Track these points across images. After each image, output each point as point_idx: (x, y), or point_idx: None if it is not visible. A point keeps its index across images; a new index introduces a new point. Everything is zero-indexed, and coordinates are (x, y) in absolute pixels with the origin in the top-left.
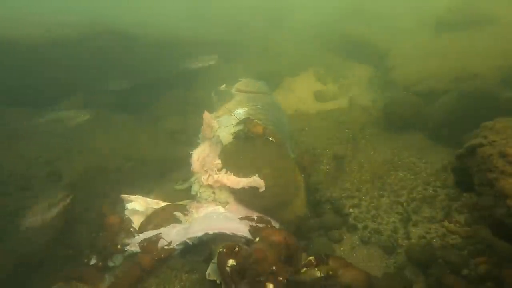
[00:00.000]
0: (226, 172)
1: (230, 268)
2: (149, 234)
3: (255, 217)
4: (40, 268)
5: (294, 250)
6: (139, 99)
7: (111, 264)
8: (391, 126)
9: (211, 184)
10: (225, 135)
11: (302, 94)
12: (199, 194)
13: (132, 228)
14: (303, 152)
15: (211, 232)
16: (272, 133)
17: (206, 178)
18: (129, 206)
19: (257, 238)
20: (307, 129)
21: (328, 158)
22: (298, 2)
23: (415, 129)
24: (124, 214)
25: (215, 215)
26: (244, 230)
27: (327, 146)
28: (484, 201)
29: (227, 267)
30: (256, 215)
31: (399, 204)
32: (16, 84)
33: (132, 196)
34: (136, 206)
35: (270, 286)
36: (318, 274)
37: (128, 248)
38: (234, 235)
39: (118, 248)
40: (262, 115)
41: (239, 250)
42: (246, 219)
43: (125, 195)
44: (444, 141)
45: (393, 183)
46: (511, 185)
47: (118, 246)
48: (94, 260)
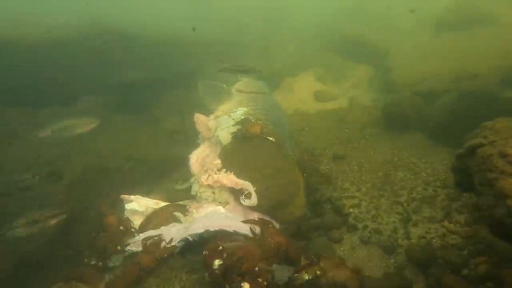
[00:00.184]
0: (226, 172)
1: (219, 268)
2: (149, 234)
3: (256, 219)
4: (40, 268)
5: (295, 254)
6: (139, 99)
7: (111, 264)
8: (391, 126)
9: (210, 184)
10: (224, 135)
11: (302, 94)
12: (199, 194)
13: (132, 228)
14: (303, 152)
15: (212, 229)
16: (271, 133)
17: (205, 178)
18: (129, 206)
19: (257, 237)
20: (307, 129)
21: (328, 158)
22: (298, 2)
23: (415, 129)
24: (123, 214)
25: (215, 215)
26: (245, 228)
27: (327, 146)
28: (484, 201)
29: (216, 269)
30: (257, 217)
31: (399, 204)
32: (16, 84)
33: (132, 196)
34: (136, 206)
35: (246, 286)
36: (306, 277)
37: (128, 248)
38: (235, 232)
39: (118, 248)
40: (262, 115)
41: (222, 248)
42: (247, 222)
43: (125, 195)
44: (444, 141)
45: (393, 183)
46: (511, 185)
47: (118, 246)
48: (94, 260)
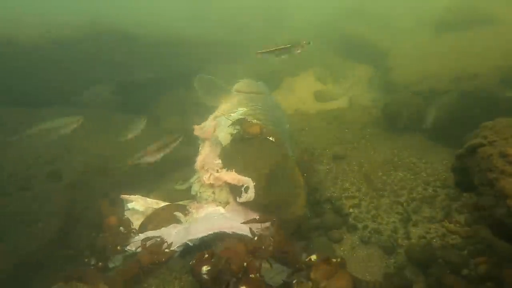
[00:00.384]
0: (228, 171)
1: (207, 274)
2: (149, 234)
3: (257, 217)
4: (40, 268)
5: (293, 257)
6: (139, 99)
7: (112, 265)
8: (391, 126)
9: (212, 182)
10: (224, 136)
11: (302, 94)
12: (199, 194)
13: (132, 228)
14: (303, 152)
15: (211, 232)
16: (271, 133)
17: (207, 177)
18: (129, 206)
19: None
20: (307, 129)
21: (328, 158)
22: (298, 2)
23: (415, 129)
24: (124, 214)
25: (215, 215)
26: (245, 229)
27: (327, 146)
28: (484, 201)
29: (204, 275)
30: (257, 217)
31: (399, 204)
32: (16, 84)
33: (132, 196)
34: (136, 206)
35: None
36: None
37: (128, 248)
38: (235, 233)
39: (118, 249)
40: (261, 115)
41: (208, 255)
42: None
43: (125, 195)
44: (444, 141)
45: (393, 183)
46: (511, 185)
47: (118, 247)
48: (94, 260)
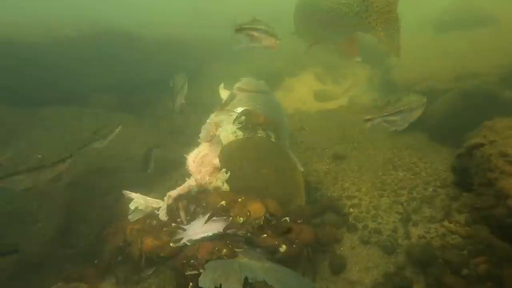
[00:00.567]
0: (226, 173)
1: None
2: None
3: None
4: (40, 268)
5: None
6: (139, 99)
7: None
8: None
9: (202, 184)
10: (225, 135)
11: (302, 94)
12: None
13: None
14: (303, 152)
15: (211, 233)
16: (273, 124)
17: (199, 178)
18: (131, 206)
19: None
20: (307, 129)
21: (328, 158)
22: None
23: (415, 129)
24: (129, 210)
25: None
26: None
27: (327, 146)
28: (484, 201)
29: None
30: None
31: (399, 204)
32: (16, 84)
33: (133, 194)
34: (137, 206)
35: None
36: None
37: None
38: (234, 233)
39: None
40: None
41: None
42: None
43: (126, 191)
44: (444, 141)
45: (393, 183)
46: (511, 185)
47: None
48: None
